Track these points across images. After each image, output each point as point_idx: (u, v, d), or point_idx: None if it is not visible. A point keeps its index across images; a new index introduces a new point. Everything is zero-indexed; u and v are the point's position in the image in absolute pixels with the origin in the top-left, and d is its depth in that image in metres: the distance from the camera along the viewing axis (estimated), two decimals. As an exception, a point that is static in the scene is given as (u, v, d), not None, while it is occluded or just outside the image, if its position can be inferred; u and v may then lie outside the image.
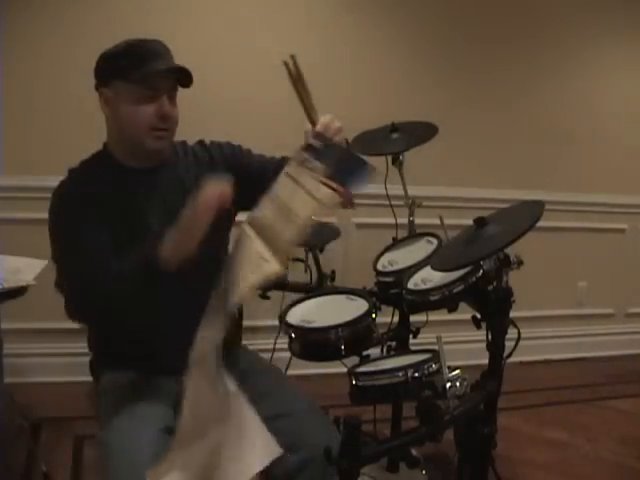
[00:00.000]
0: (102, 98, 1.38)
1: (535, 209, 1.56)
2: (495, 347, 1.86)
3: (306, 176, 1.21)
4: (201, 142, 1.55)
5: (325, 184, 1.16)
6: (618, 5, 3.49)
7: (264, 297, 2.23)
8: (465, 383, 1.63)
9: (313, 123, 1.28)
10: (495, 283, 1.67)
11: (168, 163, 1.45)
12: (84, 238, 1.32)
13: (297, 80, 1.23)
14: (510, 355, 1.84)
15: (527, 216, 1.52)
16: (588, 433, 2.72)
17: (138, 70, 1.31)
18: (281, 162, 1.51)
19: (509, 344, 1.83)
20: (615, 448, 2.60)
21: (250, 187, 1.45)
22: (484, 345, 1.83)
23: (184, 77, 1.38)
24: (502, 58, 3.34)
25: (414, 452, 2.14)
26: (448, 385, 1.52)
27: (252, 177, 1.48)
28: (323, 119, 1.28)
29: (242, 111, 2.86)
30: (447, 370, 1.56)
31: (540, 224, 1.42)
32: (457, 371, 1.60)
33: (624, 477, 2.43)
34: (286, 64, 1.23)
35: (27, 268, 2.09)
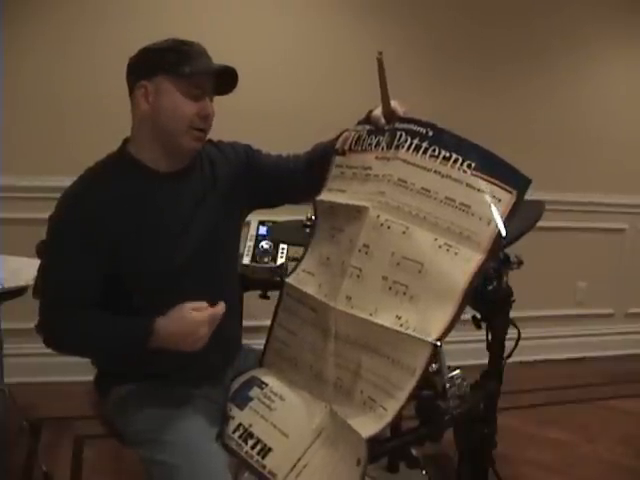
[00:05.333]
0: (140, 91, 1.32)
1: (535, 209, 1.57)
2: (495, 347, 1.86)
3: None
4: (211, 141, 1.51)
5: None
6: (618, 5, 3.49)
7: (264, 297, 2.23)
8: (465, 383, 1.63)
9: (388, 111, 1.32)
10: (495, 283, 1.67)
11: (189, 166, 1.42)
12: (69, 267, 1.30)
13: (382, 72, 1.29)
14: (510, 355, 1.84)
15: (527, 216, 1.52)
16: (588, 433, 2.72)
17: (189, 66, 1.29)
18: (295, 162, 1.52)
19: (509, 344, 1.83)
20: (615, 448, 2.60)
21: (264, 188, 1.50)
22: (484, 345, 1.83)
23: (228, 82, 1.36)
24: (502, 59, 3.34)
25: (414, 452, 2.14)
26: (448, 385, 1.52)
27: (265, 177, 1.49)
28: (401, 107, 1.33)
29: (242, 108, 2.86)
30: (447, 370, 1.56)
31: (540, 224, 1.43)
32: (457, 371, 1.60)
33: (624, 477, 2.43)
34: (379, 57, 1.27)
35: (27, 268, 2.09)
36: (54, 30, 2.75)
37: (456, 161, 1.21)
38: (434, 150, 1.23)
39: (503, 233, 1.15)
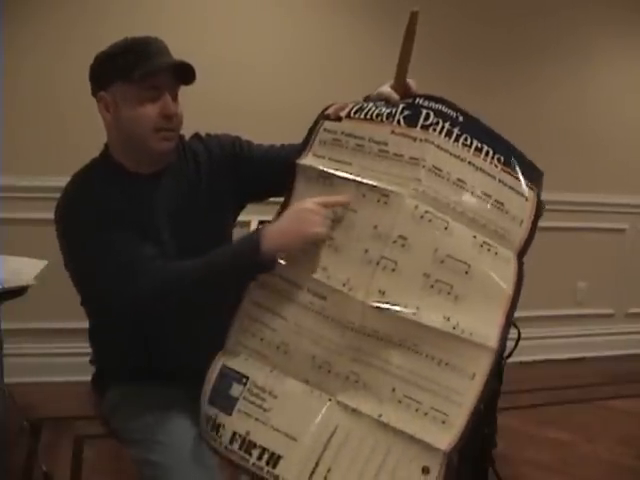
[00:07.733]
0: (101, 103, 1.30)
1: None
2: (495, 347, 1.85)
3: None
4: (197, 135, 1.48)
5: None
6: (621, 4, 3.49)
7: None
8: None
9: (401, 84, 1.24)
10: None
11: (171, 165, 1.39)
12: (122, 235, 1.23)
13: (410, 34, 1.21)
14: (510, 355, 1.84)
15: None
16: (588, 433, 2.72)
17: (138, 69, 1.23)
18: (289, 150, 1.44)
19: (509, 344, 1.82)
20: (615, 448, 2.60)
21: (254, 179, 1.45)
22: (484, 345, 1.83)
23: (186, 74, 1.31)
24: (504, 59, 3.35)
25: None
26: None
27: (255, 168, 1.44)
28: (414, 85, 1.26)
29: (243, 109, 2.86)
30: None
31: (540, 224, 1.42)
32: (457, 371, 1.59)
33: (624, 477, 2.43)
34: (413, 14, 1.18)
35: (27, 268, 2.09)
36: (54, 30, 2.75)
37: (487, 154, 1.16)
38: (466, 139, 1.16)
39: (533, 236, 1.14)
